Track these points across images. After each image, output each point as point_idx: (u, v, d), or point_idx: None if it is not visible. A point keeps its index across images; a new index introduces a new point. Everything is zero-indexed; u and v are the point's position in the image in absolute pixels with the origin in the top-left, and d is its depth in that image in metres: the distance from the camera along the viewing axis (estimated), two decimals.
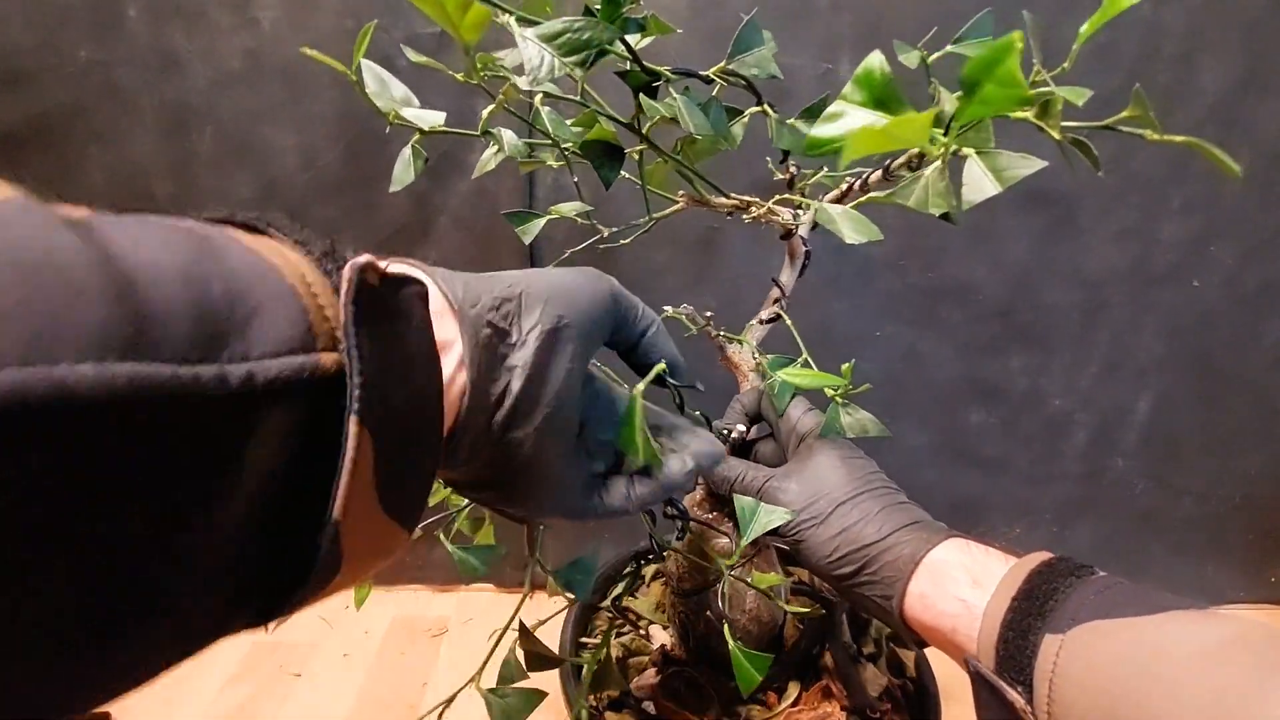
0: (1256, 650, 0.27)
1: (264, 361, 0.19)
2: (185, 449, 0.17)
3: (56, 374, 0.15)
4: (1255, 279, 0.72)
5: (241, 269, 0.20)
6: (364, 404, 0.21)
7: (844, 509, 0.41)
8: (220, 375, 0.18)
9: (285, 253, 0.22)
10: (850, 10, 0.64)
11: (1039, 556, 0.35)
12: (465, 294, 0.30)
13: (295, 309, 0.20)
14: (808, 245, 0.48)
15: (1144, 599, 0.31)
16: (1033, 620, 0.32)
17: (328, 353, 0.21)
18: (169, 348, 0.17)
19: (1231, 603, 0.84)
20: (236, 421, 0.18)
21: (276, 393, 0.19)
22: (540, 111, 0.40)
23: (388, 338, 0.22)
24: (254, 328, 0.19)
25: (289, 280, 0.21)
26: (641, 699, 0.51)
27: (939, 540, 0.38)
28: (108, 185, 0.68)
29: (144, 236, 0.19)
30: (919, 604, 0.37)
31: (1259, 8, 0.63)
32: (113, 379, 0.15)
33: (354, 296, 0.21)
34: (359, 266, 0.22)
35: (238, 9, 0.64)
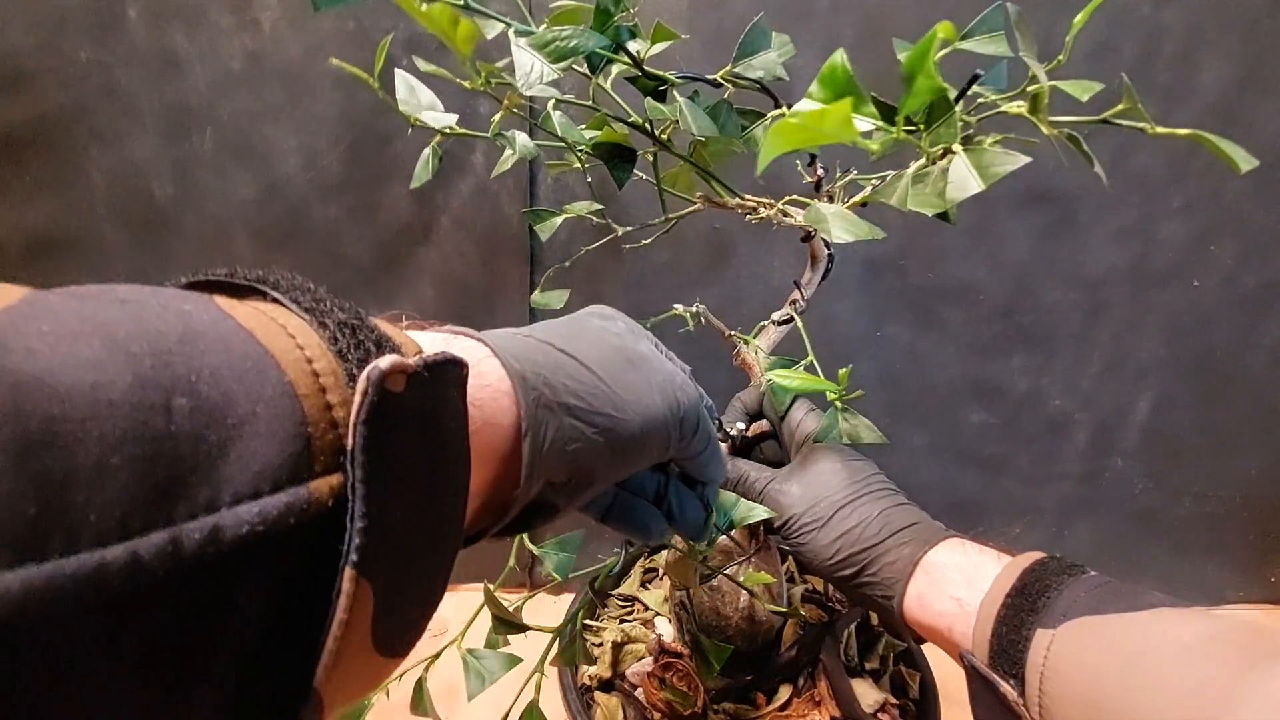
0: (1239, 645, 0.28)
1: (236, 509, 0.15)
2: (112, 648, 0.13)
3: None
4: (1255, 279, 0.72)
5: (224, 368, 0.16)
6: (365, 552, 0.17)
7: (844, 512, 0.41)
8: (170, 543, 0.14)
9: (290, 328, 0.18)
10: (850, 10, 0.64)
11: (1033, 556, 0.36)
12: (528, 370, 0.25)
13: (291, 421, 0.17)
14: (831, 248, 0.48)
15: (1133, 597, 0.32)
16: (1025, 616, 0.33)
17: (326, 477, 0.17)
18: (95, 521, 0.13)
19: (1231, 603, 0.84)
20: (194, 596, 0.14)
21: (250, 548, 0.15)
22: (551, 115, 0.41)
23: (406, 456, 0.18)
24: (230, 458, 0.15)
25: (288, 374, 0.17)
26: (634, 685, 0.52)
27: (936, 541, 0.39)
28: (108, 187, 0.68)
29: (88, 334, 0.15)
30: (916, 604, 0.38)
31: (1259, 8, 0.63)
32: (1, 597, 0.12)
33: (368, 414, 0.17)
34: (379, 374, 0.17)
35: (238, 10, 0.64)
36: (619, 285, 0.72)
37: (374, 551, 0.17)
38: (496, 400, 0.24)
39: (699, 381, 0.39)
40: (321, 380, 0.18)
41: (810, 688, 0.51)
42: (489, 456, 0.24)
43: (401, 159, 0.68)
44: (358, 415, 0.17)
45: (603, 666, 0.54)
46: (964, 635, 0.36)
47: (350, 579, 0.17)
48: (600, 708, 0.51)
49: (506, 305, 0.73)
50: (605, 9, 0.36)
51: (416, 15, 0.32)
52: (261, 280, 0.20)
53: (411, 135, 0.67)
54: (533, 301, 0.57)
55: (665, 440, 0.30)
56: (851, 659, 0.53)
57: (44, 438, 0.13)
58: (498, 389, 0.24)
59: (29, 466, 0.12)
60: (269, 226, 0.70)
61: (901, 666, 0.54)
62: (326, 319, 0.19)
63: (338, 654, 0.17)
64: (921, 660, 0.55)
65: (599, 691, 0.53)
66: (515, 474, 0.25)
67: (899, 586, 0.39)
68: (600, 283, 0.72)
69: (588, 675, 0.54)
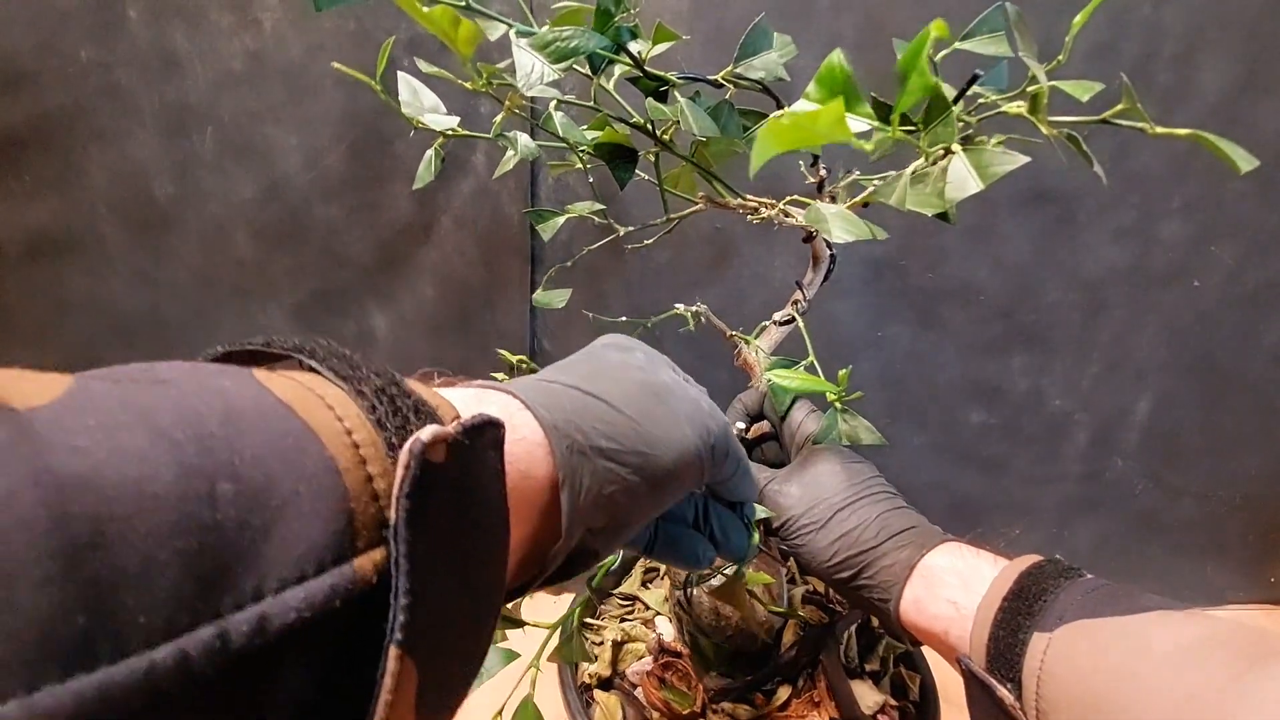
0: (1235, 648, 0.28)
1: (283, 595, 0.15)
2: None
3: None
4: (1255, 279, 0.72)
5: (265, 447, 0.16)
6: (410, 629, 0.16)
7: (842, 515, 0.42)
8: (218, 637, 0.14)
9: (328, 399, 0.18)
10: (851, 10, 0.64)
11: (1029, 559, 0.36)
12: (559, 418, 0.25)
13: (333, 498, 0.16)
14: (833, 249, 0.48)
15: (1129, 600, 0.32)
16: (1022, 619, 0.33)
17: (369, 553, 0.17)
18: (144, 622, 0.13)
19: (1231, 603, 0.84)
20: (239, 686, 0.14)
21: (297, 634, 0.15)
22: (553, 116, 0.41)
23: (449, 526, 0.18)
24: (274, 541, 0.15)
25: (329, 449, 0.17)
26: (634, 684, 0.52)
27: (933, 545, 0.39)
28: (109, 186, 0.68)
29: (131, 425, 0.14)
30: (913, 608, 0.38)
31: (1259, 8, 0.63)
32: (52, 714, 0.11)
33: (411, 487, 0.17)
34: (422, 446, 0.17)
35: (239, 10, 0.64)
36: (620, 285, 0.72)
37: (418, 627, 0.17)
38: (531, 453, 0.24)
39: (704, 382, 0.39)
40: (362, 452, 0.17)
41: (810, 688, 0.51)
42: (527, 511, 0.24)
43: (403, 159, 0.68)
44: (400, 489, 0.17)
45: (602, 665, 0.54)
46: (960, 639, 0.36)
47: (395, 658, 0.16)
48: (599, 706, 0.51)
49: (507, 304, 0.73)
50: (606, 10, 0.36)
51: (418, 16, 0.33)
52: (298, 349, 0.20)
53: (413, 135, 0.67)
54: (535, 300, 0.57)
55: (700, 470, 0.30)
56: (852, 661, 0.53)
57: (92, 539, 0.13)
58: (531, 441, 0.24)
59: (78, 573, 0.12)
60: (270, 226, 0.70)
61: (902, 669, 0.54)
62: (364, 386, 0.19)
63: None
64: (922, 662, 0.55)
65: (598, 690, 0.53)
66: (553, 525, 0.25)
67: (895, 590, 0.39)
68: (601, 282, 0.72)
69: (587, 674, 0.54)
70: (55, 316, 0.72)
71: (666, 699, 0.50)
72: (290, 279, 0.72)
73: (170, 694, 0.13)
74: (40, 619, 0.12)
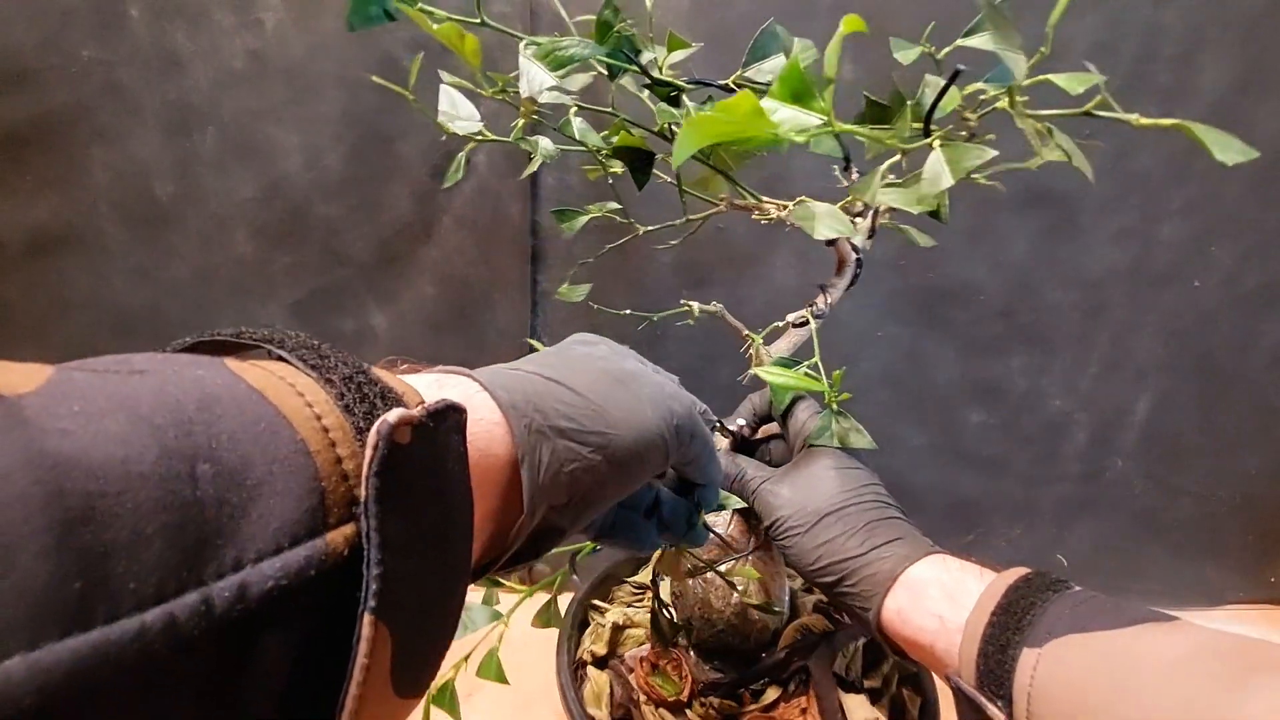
0: (1225, 660, 0.28)
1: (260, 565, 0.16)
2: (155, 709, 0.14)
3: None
4: (1255, 279, 0.72)
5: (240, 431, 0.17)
6: (382, 598, 0.17)
7: (829, 520, 0.42)
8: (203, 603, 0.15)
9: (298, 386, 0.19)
10: (851, 11, 0.64)
11: (1017, 572, 0.36)
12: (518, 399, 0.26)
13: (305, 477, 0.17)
14: (859, 253, 0.47)
15: (1118, 612, 0.32)
16: (1011, 634, 0.33)
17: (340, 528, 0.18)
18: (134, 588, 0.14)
19: (1231, 603, 0.84)
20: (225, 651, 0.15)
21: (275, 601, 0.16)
22: (571, 121, 0.43)
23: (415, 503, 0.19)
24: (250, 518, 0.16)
25: (300, 432, 0.18)
26: (630, 668, 0.54)
27: (918, 557, 0.39)
28: (110, 185, 0.68)
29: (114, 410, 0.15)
30: (896, 619, 0.38)
31: (1259, 8, 0.63)
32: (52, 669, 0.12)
33: (380, 466, 0.18)
34: (388, 428, 0.18)
35: (241, 9, 0.64)
36: (621, 284, 0.72)
37: (390, 596, 0.18)
38: (490, 432, 0.25)
39: (701, 382, 0.40)
40: (331, 435, 0.18)
41: (800, 694, 0.51)
42: (488, 489, 0.25)
43: (403, 158, 0.68)
44: (369, 468, 0.18)
45: (599, 644, 0.56)
46: (947, 652, 0.35)
47: (369, 624, 0.17)
48: (591, 682, 0.54)
49: (507, 303, 0.73)
50: (606, 21, 0.38)
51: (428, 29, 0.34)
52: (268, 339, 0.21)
53: (412, 136, 0.67)
54: (558, 293, 0.58)
55: (663, 450, 0.31)
56: (853, 674, 0.53)
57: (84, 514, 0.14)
58: (490, 421, 0.25)
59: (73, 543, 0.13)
60: (270, 225, 0.70)
61: (905, 690, 0.53)
62: (332, 375, 0.20)
63: (360, 699, 0.18)
64: (927, 685, 0.54)
65: (593, 667, 0.55)
66: (516, 504, 0.26)
67: (876, 600, 0.39)
68: (603, 281, 0.72)
69: (587, 651, 0.56)
70: (56, 314, 0.72)
71: (655, 684, 0.51)
72: (290, 277, 0.72)
73: (159, 654, 0.14)
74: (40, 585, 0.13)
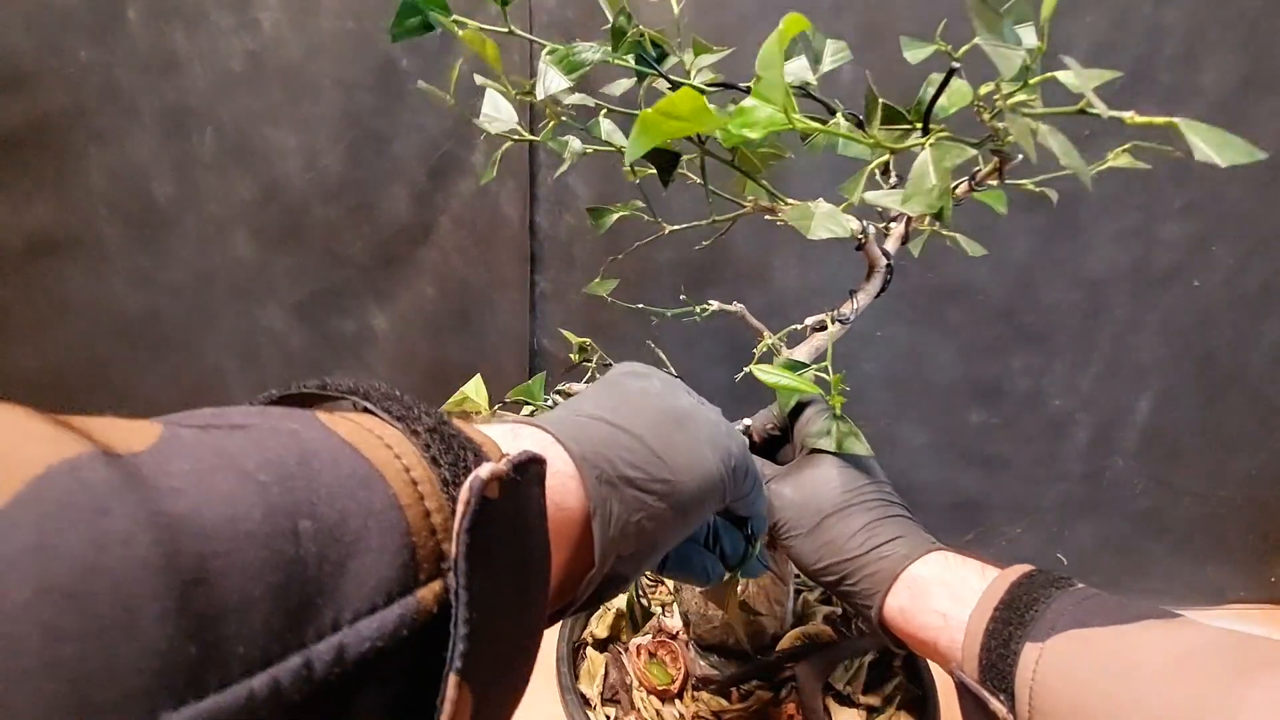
0: (1227, 657, 0.28)
1: (357, 626, 0.16)
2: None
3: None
4: (1255, 279, 0.72)
5: (337, 485, 0.17)
6: (467, 658, 0.17)
7: (831, 520, 0.42)
8: (304, 666, 0.15)
9: (386, 438, 0.19)
10: (851, 10, 0.64)
11: (1020, 569, 0.36)
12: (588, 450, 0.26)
13: (398, 532, 0.17)
14: (889, 259, 0.47)
15: (1121, 609, 0.32)
16: (1014, 630, 0.33)
17: (429, 585, 0.18)
18: (243, 653, 0.14)
19: (1232, 603, 0.84)
20: (322, 714, 0.15)
21: (370, 662, 0.16)
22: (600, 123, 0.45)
23: (501, 559, 0.19)
24: (348, 574, 0.16)
25: (392, 486, 0.18)
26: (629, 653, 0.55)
27: (920, 555, 0.40)
28: (108, 187, 0.68)
29: (221, 469, 0.15)
30: (899, 616, 0.39)
31: (1259, 8, 0.63)
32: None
33: (471, 522, 0.18)
34: (481, 484, 0.18)
35: (238, 10, 0.64)
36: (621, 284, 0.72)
37: (474, 656, 0.18)
38: (565, 485, 0.25)
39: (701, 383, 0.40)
40: (420, 489, 0.18)
41: (790, 699, 0.52)
42: (562, 541, 0.25)
43: (401, 159, 0.68)
44: (461, 523, 0.18)
45: (601, 628, 0.57)
46: (950, 648, 0.36)
47: (454, 685, 0.17)
48: (587, 662, 0.55)
49: (507, 304, 0.73)
50: (620, 29, 0.39)
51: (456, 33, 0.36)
52: (353, 390, 0.21)
53: (409, 137, 0.67)
54: (587, 289, 0.58)
55: (722, 491, 0.31)
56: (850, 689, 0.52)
57: (199, 575, 0.14)
58: (564, 474, 0.25)
59: (189, 607, 0.13)
60: (269, 226, 0.70)
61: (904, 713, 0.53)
62: (417, 426, 0.20)
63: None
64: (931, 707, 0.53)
65: (592, 649, 0.56)
66: (585, 554, 0.25)
67: (878, 598, 0.39)
68: None
69: (589, 633, 0.57)
70: (55, 316, 0.72)
71: (649, 672, 0.52)
72: (290, 279, 0.72)
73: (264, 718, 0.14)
74: (159, 650, 0.13)
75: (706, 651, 0.53)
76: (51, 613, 0.12)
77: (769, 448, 0.51)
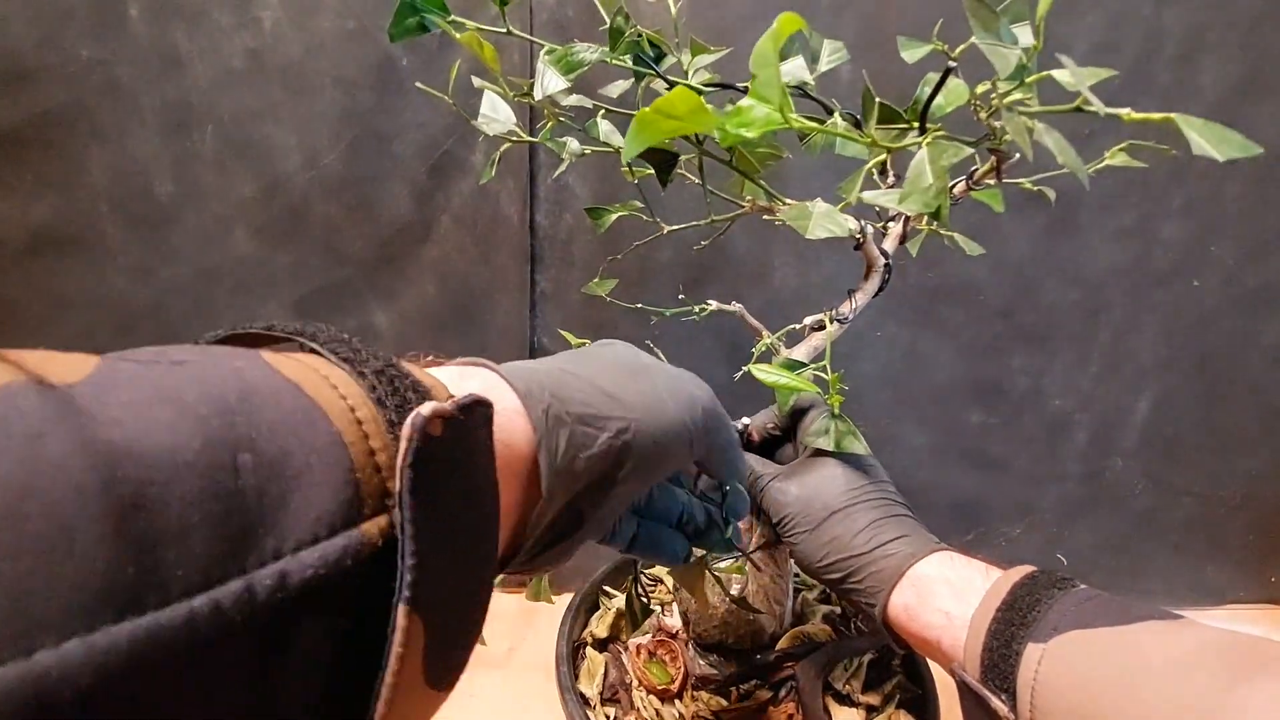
0: (1229, 658, 0.28)
1: (300, 555, 0.16)
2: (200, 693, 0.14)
3: (34, 669, 0.12)
4: (1255, 279, 0.72)
5: (279, 422, 0.17)
6: (416, 588, 0.18)
7: (835, 518, 0.42)
8: (245, 590, 0.15)
9: (332, 378, 0.19)
10: (851, 10, 0.64)
11: (1023, 569, 0.36)
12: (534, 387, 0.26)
13: (341, 468, 0.17)
14: (888, 259, 0.47)
15: (1123, 610, 0.32)
16: (1016, 630, 0.33)
17: (374, 519, 0.18)
18: (182, 575, 0.14)
19: (1232, 603, 0.84)
20: (265, 638, 0.15)
21: (313, 590, 0.16)
22: (597, 123, 0.45)
23: (447, 495, 0.19)
24: (290, 508, 0.16)
25: (336, 424, 0.18)
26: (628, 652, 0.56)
27: (924, 554, 0.40)
28: (109, 184, 0.68)
29: (160, 401, 0.16)
30: (904, 614, 0.39)
31: (1259, 8, 0.63)
32: (108, 651, 0.13)
33: (414, 458, 0.18)
34: (423, 420, 0.18)
35: (239, 9, 0.64)
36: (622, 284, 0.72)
37: (423, 587, 0.18)
38: (511, 421, 0.25)
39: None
40: (364, 427, 0.18)
41: (790, 699, 0.52)
42: (510, 478, 0.25)
43: (401, 158, 0.68)
44: (404, 459, 0.18)
45: (601, 627, 0.57)
46: (952, 648, 0.36)
47: (404, 614, 0.17)
48: (587, 661, 0.56)
49: (507, 302, 0.73)
50: (618, 29, 0.39)
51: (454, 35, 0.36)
52: (299, 332, 0.21)
53: (409, 135, 0.67)
54: (586, 288, 0.59)
55: (688, 439, 0.31)
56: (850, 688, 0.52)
57: (136, 501, 0.14)
58: (511, 410, 0.25)
59: (126, 530, 0.14)
60: (269, 224, 0.70)
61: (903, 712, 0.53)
62: (364, 368, 0.20)
63: (395, 688, 0.18)
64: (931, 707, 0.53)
65: (592, 648, 0.57)
66: (535, 493, 0.26)
67: (882, 596, 0.39)
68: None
69: (589, 632, 0.58)
70: (57, 313, 0.72)
71: (649, 671, 0.52)
72: (291, 276, 0.72)
73: (205, 638, 0.14)
74: (97, 571, 0.13)
75: (706, 651, 0.53)
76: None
77: (769, 447, 0.51)
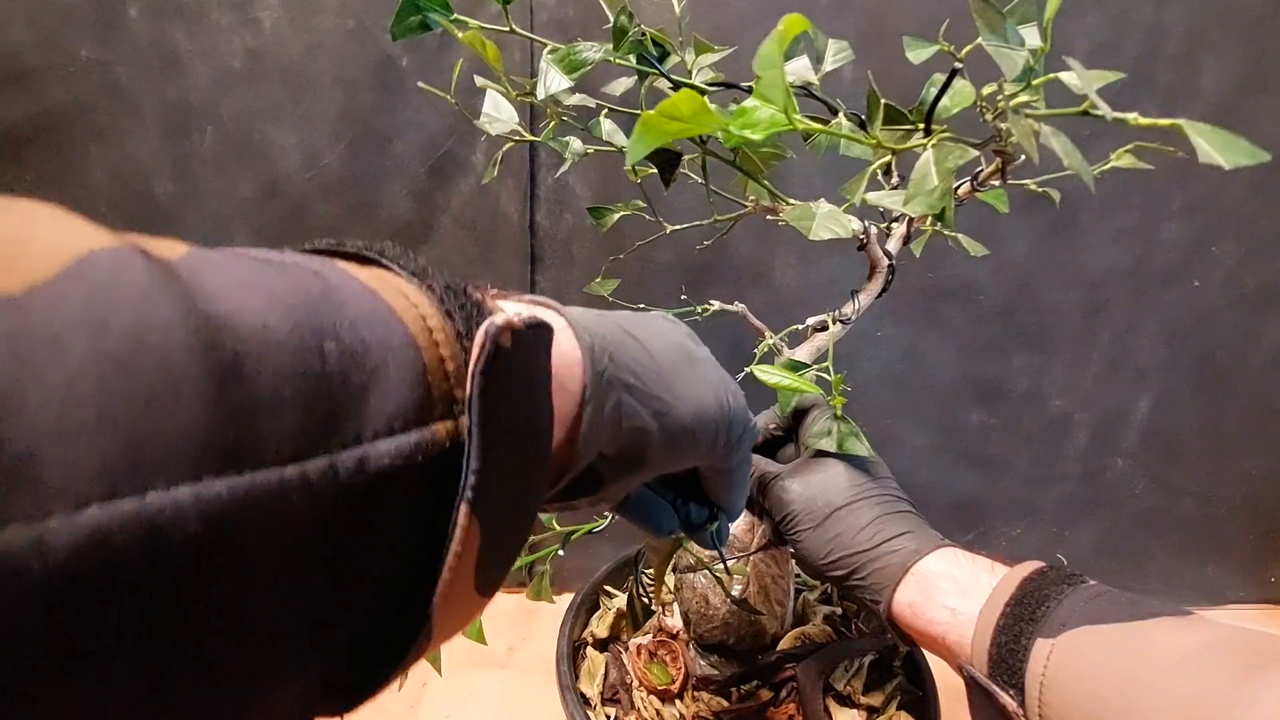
0: (1238, 653, 0.28)
1: (378, 444, 0.17)
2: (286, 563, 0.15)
3: (147, 510, 0.12)
4: (1255, 279, 0.72)
5: (360, 317, 0.17)
6: (479, 491, 0.18)
7: (839, 515, 0.42)
8: (330, 467, 0.15)
9: (404, 290, 0.20)
10: (851, 10, 0.64)
11: (1031, 565, 0.36)
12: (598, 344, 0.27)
13: (415, 369, 0.18)
14: (892, 260, 0.47)
15: (1131, 606, 0.32)
16: (1025, 626, 0.33)
17: (443, 422, 0.18)
18: (274, 444, 0.15)
19: (1232, 603, 0.84)
20: (343, 517, 0.16)
21: (389, 479, 0.17)
22: (601, 123, 0.45)
23: (510, 407, 0.20)
24: (370, 398, 0.17)
25: (410, 328, 0.18)
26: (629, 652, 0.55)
27: (928, 551, 0.40)
28: (109, 184, 0.68)
29: (251, 286, 0.16)
30: (908, 611, 0.39)
31: (1259, 8, 0.63)
32: (212, 502, 0.13)
33: (485, 364, 0.18)
34: (496, 329, 0.19)
35: (239, 9, 0.64)
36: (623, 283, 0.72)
37: (485, 491, 0.19)
38: (569, 369, 0.25)
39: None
40: (434, 335, 0.19)
41: (790, 700, 0.52)
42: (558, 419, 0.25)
43: (401, 158, 0.68)
44: (475, 365, 0.18)
45: (602, 627, 0.57)
46: (959, 644, 0.36)
47: (465, 514, 0.18)
48: (587, 661, 0.56)
49: None
50: (622, 28, 0.39)
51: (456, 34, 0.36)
52: (368, 248, 0.22)
53: (409, 136, 0.67)
54: (587, 289, 0.59)
55: (713, 439, 0.31)
56: (851, 689, 0.52)
57: (235, 370, 0.14)
58: (570, 358, 0.25)
59: (227, 395, 0.14)
60: (269, 224, 0.70)
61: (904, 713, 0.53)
62: (433, 283, 0.20)
63: (451, 583, 0.18)
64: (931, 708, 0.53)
65: (592, 648, 0.57)
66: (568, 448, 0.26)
67: (886, 592, 0.39)
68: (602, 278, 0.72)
69: (590, 633, 0.58)
70: None
71: (648, 672, 0.52)
72: None
73: (295, 508, 0.15)
74: (201, 425, 0.13)
75: (707, 651, 0.53)
76: (106, 375, 0.12)
77: (770, 448, 0.51)
